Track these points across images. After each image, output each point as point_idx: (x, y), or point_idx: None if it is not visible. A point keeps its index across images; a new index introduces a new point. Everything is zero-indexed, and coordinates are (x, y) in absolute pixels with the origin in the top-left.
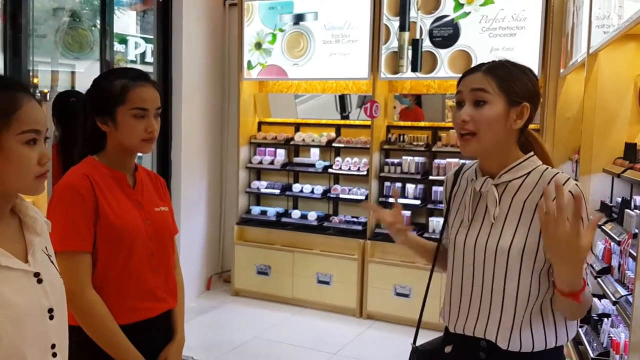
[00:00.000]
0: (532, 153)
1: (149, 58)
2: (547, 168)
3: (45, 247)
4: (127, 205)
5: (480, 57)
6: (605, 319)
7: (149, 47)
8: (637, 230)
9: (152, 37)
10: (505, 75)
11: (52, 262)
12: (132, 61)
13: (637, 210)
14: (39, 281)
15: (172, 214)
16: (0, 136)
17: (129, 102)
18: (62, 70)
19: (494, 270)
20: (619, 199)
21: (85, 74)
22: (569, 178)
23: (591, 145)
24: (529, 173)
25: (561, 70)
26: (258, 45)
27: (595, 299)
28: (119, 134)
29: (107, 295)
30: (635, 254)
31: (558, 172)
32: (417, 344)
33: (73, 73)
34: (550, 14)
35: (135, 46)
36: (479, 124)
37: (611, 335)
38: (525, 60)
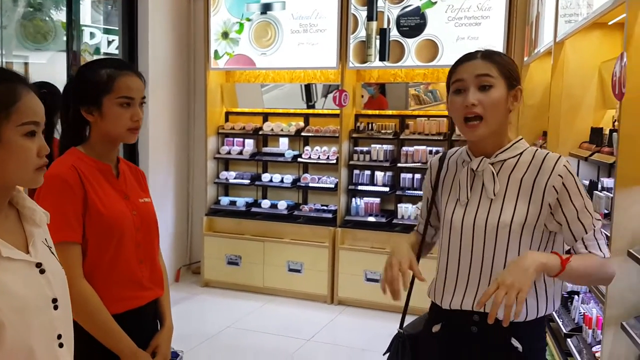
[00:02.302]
0: (521, 137)
1: (105, 48)
2: (537, 149)
3: (45, 239)
4: (114, 197)
5: (447, 46)
6: (576, 296)
7: (105, 38)
8: (606, 211)
9: (106, 26)
10: (502, 61)
11: (52, 252)
12: (97, 52)
13: (605, 192)
14: (42, 271)
15: (152, 204)
16: (0, 128)
17: (116, 91)
18: (15, 62)
19: (495, 244)
20: (586, 182)
21: (47, 65)
22: (560, 156)
23: (558, 131)
24: (521, 153)
25: (525, 59)
26: (225, 35)
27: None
28: (104, 123)
29: (97, 286)
30: (607, 234)
31: (549, 152)
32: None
33: (26, 64)
34: (514, 4)
35: (90, 36)
36: (487, 106)
37: (583, 311)
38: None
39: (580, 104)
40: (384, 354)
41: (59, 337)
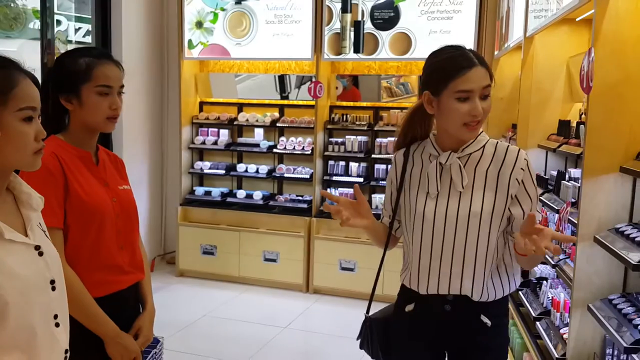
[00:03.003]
0: (481, 129)
1: (74, 37)
2: (498, 141)
3: (40, 223)
4: (95, 184)
5: (420, 39)
6: (544, 282)
7: (72, 25)
8: (573, 200)
9: (78, 14)
10: (487, 65)
11: (47, 236)
12: (69, 41)
13: (573, 182)
14: (40, 254)
15: (132, 192)
16: None
17: (94, 79)
18: None
19: (467, 232)
20: (554, 172)
21: (17, 53)
22: (520, 149)
23: (527, 123)
24: (484, 146)
25: (495, 53)
26: (199, 24)
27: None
28: (83, 112)
29: (78, 270)
30: (575, 221)
31: (508, 145)
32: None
33: None
34: None
35: (57, 24)
36: (486, 113)
37: (552, 295)
38: (461, 43)
39: (549, 98)
40: (357, 339)
41: (56, 317)
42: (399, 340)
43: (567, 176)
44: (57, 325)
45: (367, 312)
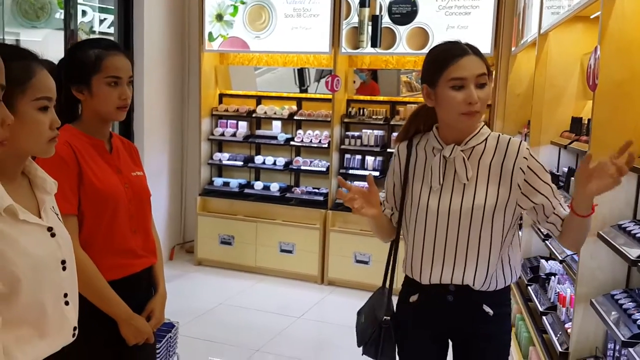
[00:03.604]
0: (483, 123)
1: (98, 27)
2: (499, 134)
3: (53, 206)
4: (107, 171)
5: (437, 34)
6: (553, 277)
7: (97, 16)
8: None
9: (101, 5)
10: (484, 56)
11: (59, 219)
12: (92, 32)
13: None
14: (52, 235)
15: (146, 178)
16: (16, 102)
17: (104, 70)
18: (7, 39)
19: (470, 225)
20: (565, 169)
21: (42, 43)
22: (521, 140)
23: (540, 120)
24: (486, 139)
25: (512, 49)
26: (219, 17)
27: (543, 260)
28: (94, 102)
29: (93, 254)
30: None
31: (510, 137)
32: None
33: (17, 42)
34: None
35: (82, 14)
36: (483, 102)
37: (559, 290)
38: (479, 38)
39: (562, 95)
40: (359, 346)
41: (65, 295)
42: (404, 331)
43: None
44: (66, 303)
45: (386, 313)
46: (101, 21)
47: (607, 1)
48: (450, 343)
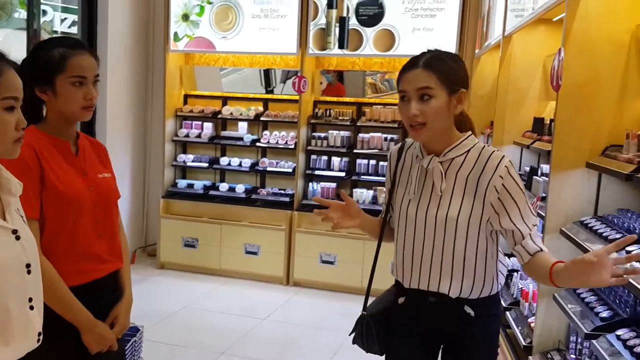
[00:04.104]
0: (470, 132)
1: (60, 27)
2: (484, 146)
3: (18, 208)
4: (72, 173)
5: (403, 36)
6: (515, 274)
7: (58, 15)
8: (544, 194)
9: (64, 5)
10: (444, 68)
11: (24, 222)
12: (54, 31)
13: (544, 177)
14: (17, 238)
15: (114, 179)
16: None
17: (68, 70)
18: None
19: (444, 235)
20: (527, 168)
21: (4, 43)
22: (504, 155)
23: (503, 120)
24: (468, 150)
25: (476, 51)
26: (185, 17)
27: (505, 257)
28: (58, 102)
29: (56, 259)
30: (543, 214)
31: (494, 150)
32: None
33: None
34: None
35: (42, 14)
36: (428, 115)
37: (521, 286)
38: (443, 40)
39: (525, 96)
40: (349, 335)
41: (30, 300)
42: (396, 331)
43: (539, 172)
44: (31, 308)
45: (364, 309)
46: (62, 20)
47: (571, 3)
48: (439, 346)
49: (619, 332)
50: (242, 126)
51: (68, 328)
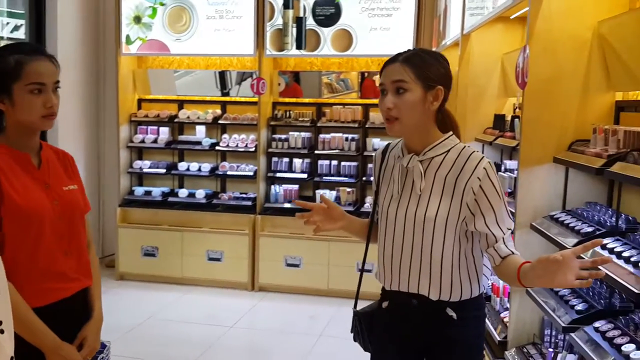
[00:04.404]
0: (451, 132)
1: (6, 33)
2: (465, 147)
3: None
4: (32, 186)
5: (361, 36)
6: (485, 269)
7: (3, 20)
8: (509, 190)
9: (10, 10)
10: (420, 63)
11: None
12: None
13: (508, 173)
14: None
15: (82, 191)
16: None
17: (25, 77)
18: None
19: (423, 235)
20: None
21: None
22: (483, 157)
23: (465, 118)
24: (448, 150)
25: (433, 49)
26: (137, 19)
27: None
28: (16, 111)
29: (17, 279)
30: (512, 210)
31: (474, 151)
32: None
33: None
34: None
35: None
36: (401, 109)
37: (491, 282)
38: (401, 39)
39: (484, 93)
40: (351, 332)
41: (0, 323)
42: (378, 334)
43: (502, 167)
44: (1, 332)
45: (355, 306)
46: (4, 25)
47: (535, 2)
48: (424, 350)
49: (596, 324)
50: (200, 130)
51: (33, 351)
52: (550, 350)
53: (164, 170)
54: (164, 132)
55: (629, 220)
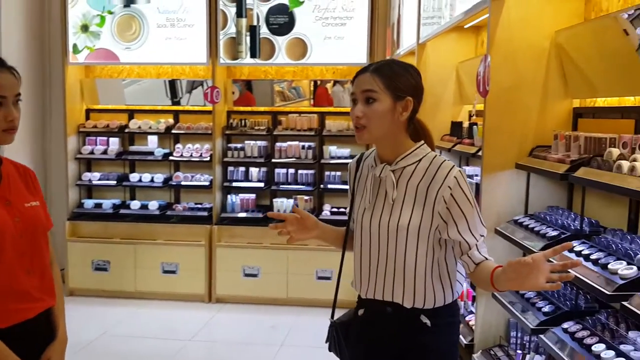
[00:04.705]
0: (422, 142)
1: None
2: (436, 156)
3: None
4: None
5: (315, 45)
6: None
7: None
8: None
9: None
10: (390, 74)
11: None
12: None
13: (468, 179)
14: None
15: (44, 208)
16: None
17: None
18: None
19: (396, 244)
20: None
21: None
22: (454, 165)
23: None
24: (420, 160)
25: (387, 58)
26: (85, 28)
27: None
28: None
29: None
30: None
31: (444, 160)
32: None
33: None
34: (375, 6)
35: None
36: (370, 118)
37: (466, 288)
38: (355, 48)
39: (440, 101)
40: (325, 342)
41: None
42: (353, 342)
43: None
44: None
45: (332, 316)
46: None
47: (494, 12)
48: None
49: (565, 325)
50: (152, 140)
51: None
52: (519, 352)
53: (114, 182)
54: (114, 143)
55: (592, 223)
